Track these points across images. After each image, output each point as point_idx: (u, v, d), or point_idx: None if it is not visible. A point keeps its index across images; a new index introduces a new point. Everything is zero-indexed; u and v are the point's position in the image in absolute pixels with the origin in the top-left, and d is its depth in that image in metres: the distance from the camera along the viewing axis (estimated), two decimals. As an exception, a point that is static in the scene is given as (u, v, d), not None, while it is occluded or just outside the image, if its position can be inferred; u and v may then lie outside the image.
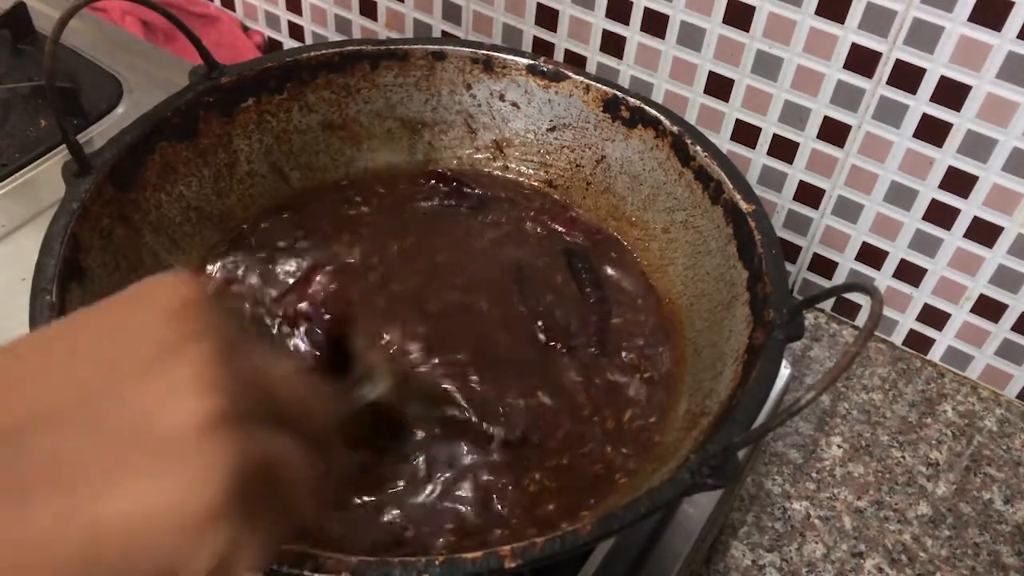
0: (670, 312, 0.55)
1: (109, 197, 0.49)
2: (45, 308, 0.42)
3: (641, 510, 0.36)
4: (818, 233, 0.71)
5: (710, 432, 0.41)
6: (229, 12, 0.95)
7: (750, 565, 0.59)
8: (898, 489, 0.63)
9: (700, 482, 0.37)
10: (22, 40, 0.74)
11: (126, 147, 0.50)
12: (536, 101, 0.60)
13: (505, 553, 0.34)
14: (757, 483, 0.63)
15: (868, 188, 0.67)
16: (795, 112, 0.66)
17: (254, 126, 0.57)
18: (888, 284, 0.70)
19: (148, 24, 0.86)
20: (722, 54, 0.67)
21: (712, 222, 0.53)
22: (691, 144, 0.54)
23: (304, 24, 0.90)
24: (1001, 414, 0.68)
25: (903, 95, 0.61)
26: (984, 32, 0.56)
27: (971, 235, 0.64)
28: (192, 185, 0.54)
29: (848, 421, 0.67)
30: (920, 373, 0.71)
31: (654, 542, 0.51)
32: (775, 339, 0.43)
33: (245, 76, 0.56)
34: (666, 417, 0.49)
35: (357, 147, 0.61)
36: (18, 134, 0.67)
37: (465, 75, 0.60)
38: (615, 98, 0.57)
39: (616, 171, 0.59)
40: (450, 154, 0.62)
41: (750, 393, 0.41)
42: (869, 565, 0.59)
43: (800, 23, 0.62)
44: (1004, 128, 0.59)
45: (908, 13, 0.58)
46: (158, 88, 0.70)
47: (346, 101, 0.60)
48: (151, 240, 0.51)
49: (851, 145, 0.65)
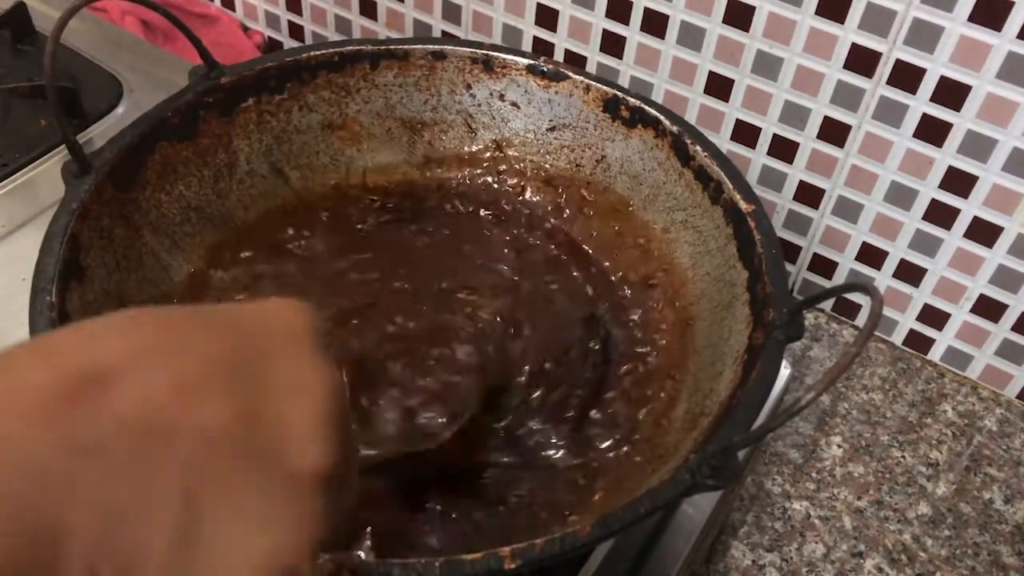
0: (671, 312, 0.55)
1: (109, 197, 0.49)
2: (45, 308, 0.42)
3: (641, 510, 0.36)
4: (818, 233, 0.71)
5: (710, 432, 0.42)
6: (229, 12, 0.94)
7: (750, 565, 0.59)
8: (898, 489, 0.63)
9: (700, 482, 0.37)
10: (22, 40, 0.74)
11: (126, 147, 0.50)
12: (536, 101, 0.60)
13: (505, 554, 0.34)
14: (757, 483, 0.63)
15: (868, 188, 0.67)
16: (795, 112, 0.66)
17: (254, 126, 0.57)
18: (888, 284, 0.70)
19: (148, 24, 0.86)
20: (722, 54, 0.67)
21: (712, 222, 0.53)
22: (691, 144, 0.54)
23: (304, 24, 0.90)
24: (1001, 414, 0.68)
25: (903, 95, 0.61)
26: (984, 32, 0.56)
27: (971, 235, 0.64)
28: (192, 185, 0.54)
29: (848, 421, 0.67)
30: (920, 373, 0.71)
31: (654, 542, 0.51)
32: (775, 339, 0.43)
33: (245, 76, 0.56)
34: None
35: (357, 147, 0.61)
36: (18, 134, 0.67)
37: (465, 75, 0.60)
38: (615, 98, 0.57)
39: (616, 171, 0.59)
40: (450, 154, 0.63)
41: (750, 393, 0.41)
42: (869, 565, 0.59)
43: (800, 23, 0.62)
44: (1004, 128, 0.59)
45: (908, 13, 0.58)
46: (158, 88, 0.70)
47: (346, 101, 0.60)
48: (151, 240, 0.51)
49: (851, 145, 0.65)
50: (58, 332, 0.22)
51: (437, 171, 0.62)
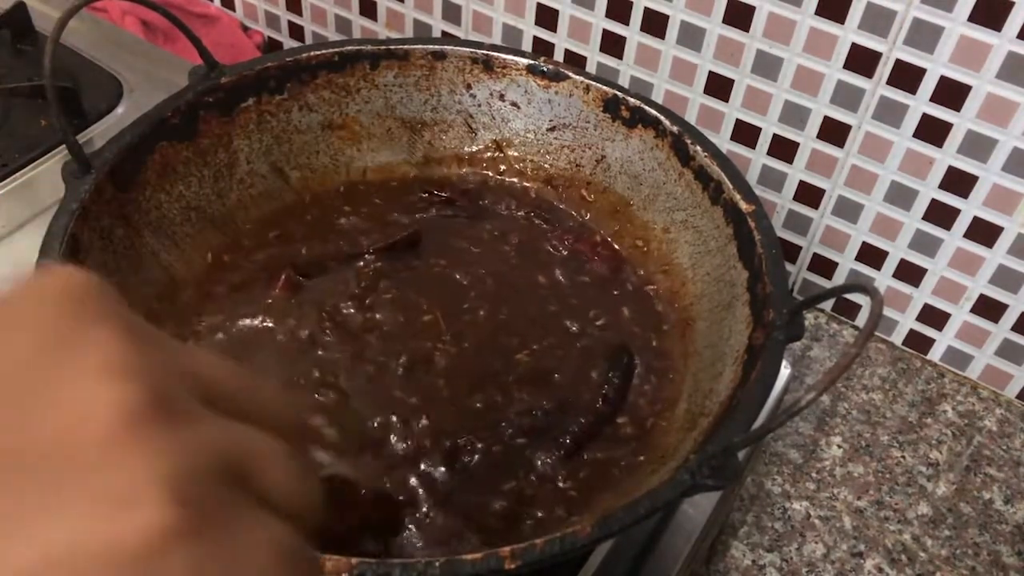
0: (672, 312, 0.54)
1: (109, 197, 0.49)
2: (45, 308, 0.42)
3: (641, 510, 0.36)
4: (818, 233, 0.71)
5: (710, 432, 0.41)
6: (229, 12, 0.94)
7: (750, 565, 0.59)
8: (898, 489, 0.63)
9: (700, 483, 0.37)
10: (22, 40, 0.74)
11: (126, 147, 0.50)
12: (536, 101, 0.60)
13: (505, 554, 0.34)
14: (757, 483, 0.63)
15: (868, 188, 0.67)
16: (795, 112, 0.66)
17: (254, 126, 0.57)
18: (888, 284, 0.70)
19: (148, 24, 0.86)
20: (722, 54, 0.67)
21: (712, 222, 0.53)
22: (691, 144, 0.54)
23: (304, 24, 0.90)
24: (1001, 414, 0.68)
25: (903, 95, 0.61)
26: (984, 32, 0.56)
27: (971, 235, 0.64)
28: (192, 185, 0.54)
29: (848, 421, 0.67)
30: (920, 373, 0.71)
31: (654, 542, 0.51)
32: (775, 339, 0.43)
33: (245, 76, 0.56)
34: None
35: (357, 147, 0.61)
36: (18, 134, 0.67)
37: (465, 75, 0.60)
38: (615, 98, 0.57)
39: (616, 171, 0.59)
40: (450, 154, 0.62)
41: (750, 393, 0.41)
42: (869, 565, 0.59)
43: (800, 23, 0.62)
44: (1004, 128, 0.59)
45: (908, 13, 0.58)
46: (158, 88, 0.70)
47: (346, 101, 0.60)
48: (151, 240, 0.51)
49: (851, 145, 0.65)
50: None
51: (437, 171, 0.62)
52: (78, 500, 0.17)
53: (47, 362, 0.18)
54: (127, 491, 0.17)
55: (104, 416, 0.18)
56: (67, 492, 0.17)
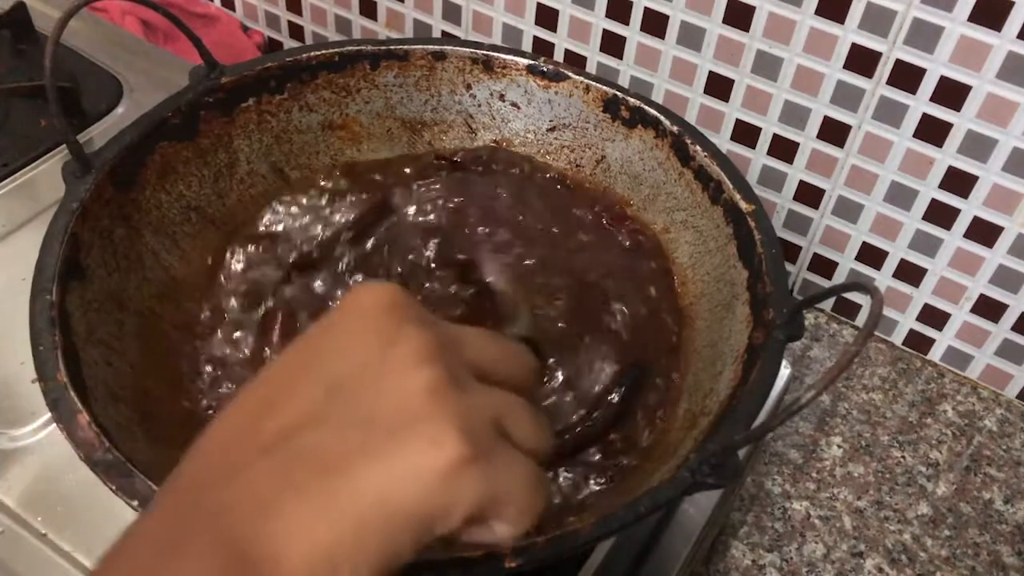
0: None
1: (109, 197, 0.49)
2: (45, 308, 0.42)
3: (641, 510, 0.36)
4: (818, 233, 0.71)
5: (710, 431, 0.41)
6: (229, 12, 0.95)
7: (750, 565, 0.59)
8: (898, 489, 0.63)
9: (700, 481, 0.37)
10: (22, 40, 0.74)
11: (126, 147, 0.50)
12: (536, 101, 0.60)
13: (505, 552, 0.34)
14: (757, 483, 0.63)
15: (868, 188, 0.67)
16: (795, 112, 0.66)
17: (254, 126, 0.57)
18: (888, 284, 0.70)
19: (148, 24, 0.86)
20: (722, 54, 0.67)
21: (712, 222, 0.53)
22: (691, 144, 0.54)
23: (304, 24, 0.90)
24: (1001, 414, 0.68)
25: (903, 95, 0.61)
26: (984, 32, 0.56)
27: (971, 235, 0.64)
28: (192, 185, 0.54)
29: (848, 421, 0.67)
30: (920, 373, 0.71)
31: (654, 541, 0.51)
32: (775, 339, 0.43)
33: (245, 76, 0.56)
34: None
35: (357, 147, 0.61)
36: (18, 134, 0.67)
37: (465, 75, 0.60)
38: (615, 98, 0.57)
39: (616, 171, 0.59)
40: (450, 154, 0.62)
41: (750, 393, 0.41)
42: (869, 565, 0.59)
43: (800, 23, 0.62)
44: (1004, 128, 0.59)
45: (908, 13, 0.58)
46: (158, 88, 0.70)
47: (346, 101, 0.60)
48: (151, 240, 0.51)
49: (851, 145, 0.65)
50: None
51: (437, 171, 0.62)
52: (409, 440, 0.26)
53: (380, 356, 0.28)
54: (437, 436, 0.26)
55: (417, 391, 0.27)
56: (400, 437, 0.26)
